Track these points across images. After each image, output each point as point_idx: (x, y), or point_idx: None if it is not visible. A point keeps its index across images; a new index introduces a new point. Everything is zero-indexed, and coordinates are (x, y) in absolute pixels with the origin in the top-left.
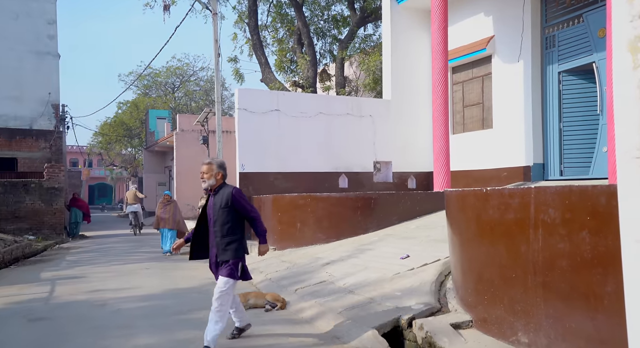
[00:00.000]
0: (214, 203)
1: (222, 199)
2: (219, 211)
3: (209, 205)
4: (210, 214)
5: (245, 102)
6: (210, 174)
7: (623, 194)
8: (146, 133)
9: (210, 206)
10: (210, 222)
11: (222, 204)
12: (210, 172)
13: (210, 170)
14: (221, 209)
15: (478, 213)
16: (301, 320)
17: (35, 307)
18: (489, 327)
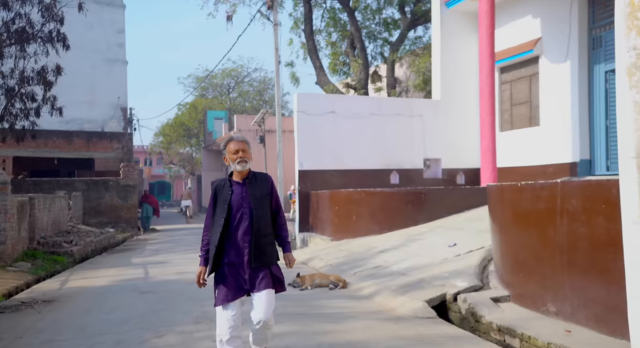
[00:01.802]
0: (251, 194)
1: (260, 187)
2: (258, 202)
3: (235, 197)
4: (240, 208)
5: (304, 105)
6: (249, 154)
7: (623, 185)
8: (204, 133)
9: (239, 197)
10: (237, 218)
11: (262, 193)
12: (248, 150)
13: (247, 148)
14: (262, 199)
15: (514, 204)
16: (361, 296)
17: (138, 284)
18: (524, 300)
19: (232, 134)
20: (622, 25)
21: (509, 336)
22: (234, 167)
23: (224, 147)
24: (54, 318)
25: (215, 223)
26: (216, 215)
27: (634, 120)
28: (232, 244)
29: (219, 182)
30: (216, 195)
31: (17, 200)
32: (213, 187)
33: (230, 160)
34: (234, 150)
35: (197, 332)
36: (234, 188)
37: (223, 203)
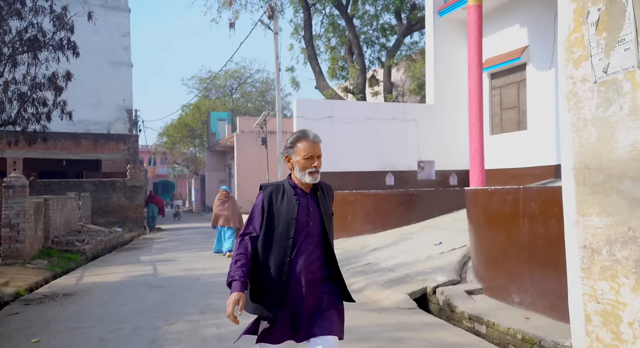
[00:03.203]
0: (322, 210)
1: (327, 201)
2: (330, 222)
3: (302, 211)
4: (305, 227)
5: (303, 110)
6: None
7: (564, 192)
8: (208, 134)
9: (306, 212)
10: (299, 241)
11: (329, 210)
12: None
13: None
14: (328, 218)
15: (485, 206)
16: (351, 290)
17: (149, 279)
18: (493, 293)
19: (304, 129)
20: (562, 58)
21: (477, 323)
22: (301, 176)
23: (291, 144)
24: (76, 309)
25: (270, 243)
26: (272, 233)
27: (571, 138)
28: (292, 276)
29: (274, 186)
30: (270, 203)
31: (33, 202)
32: (267, 192)
33: (299, 166)
34: (307, 154)
35: (203, 321)
36: (301, 198)
37: (286, 218)
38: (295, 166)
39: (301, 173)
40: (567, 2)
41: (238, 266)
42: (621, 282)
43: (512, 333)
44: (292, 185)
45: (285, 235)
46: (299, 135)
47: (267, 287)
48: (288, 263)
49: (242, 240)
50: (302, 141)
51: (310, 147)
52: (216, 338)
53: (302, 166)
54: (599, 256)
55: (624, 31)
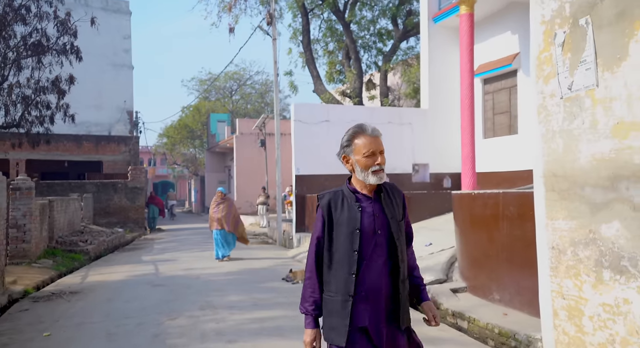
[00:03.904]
0: (388, 215)
1: (395, 204)
2: (399, 229)
3: (366, 219)
4: (372, 236)
5: (300, 114)
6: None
7: (535, 198)
8: (208, 135)
9: (371, 220)
10: (368, 253)
11: (399, 214)
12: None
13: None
14: (401, 225)
15: (470, 209)
16: None
17: (151, 278)
18: (476, 291)
19: (360, 123)
20: (534, 74)
21: (460, 319)
22: (363, 178)
23: (347, 142)
24: (82, 306)
25: (334, 258)
26: (335, 247)
27: (541, 148)
28: (359, 294)
29: (331, 194)
30: (330, 213)
31: (39, 203)
32: (324, 202)
33: (360, 166)
34: (368, 151)
35: (203, 317)
36: (363, 204)
37: (348, 228)
38: (355, 166)
39: (363, 173)
40: (537, 24)
41: (309, 295)
42: (583, 279)
43: (490, 328)
44: (352, 190)
45: (349, 248)
46: (355, 131)
47: (334, 308)
48: (354, 281)
49: (310, 259)
50: (360, 136)
51: (370, 142)
52: (215, 333)
53: (363, 165)
54: (565, 256)
55: (586, 53)
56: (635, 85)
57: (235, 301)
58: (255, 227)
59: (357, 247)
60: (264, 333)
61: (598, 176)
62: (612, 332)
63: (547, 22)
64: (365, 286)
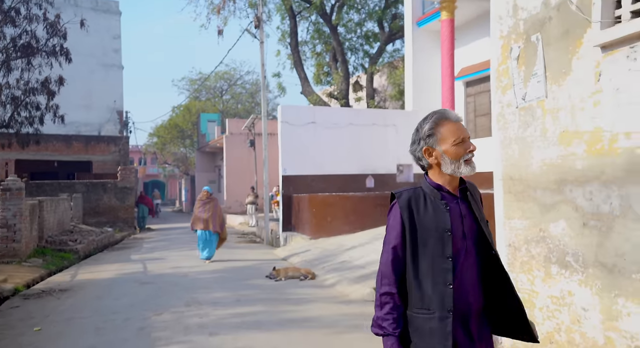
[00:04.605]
0: (478, 217)
1: (477, 203)
2: (488, 230)
3: (454, 220)
4: (462, 242)
5: (287, 116)
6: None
7: (495, 198)
8: (198, 135)
9: (459, 221)
10: (459, 261)
11: (483, 214)
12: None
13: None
14: (485, 225)
15: None
16: (325, 285)
17: (139, 276)
18: None
19: (440, 110)
20: (493, 85)
21: None
22: (453, 170)
23: (430, 132)
24: (72, 302)
25: (420, 268)
26: (420, 254)
27: (500, 154)
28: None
29: (410, 192)
30: (411, 215)
31: (29, 204)
32: (403, 201)
33: (449, 157)
34: (458, 138)
35: (188, 312)
36: (450, 204)
37: (437, 231)
38: (442, 159)
39: (454, 165)
40: (496, 38)
41: (387, 312)
42: (535, 274)
43: None
44: (435, 187)
45: (439, 255)
46: (438, 118)
47: (427, 327)
48: (452, 294)
49: (386, 269)
50: (445, 123)
51: (457, 127)
52: (198, 326)
53: (453, 155)
54: (519, 253)
55: (537, 66)
56: (577, 97)
57: (219, 297)
58: (244, 226)
59: (450, 253)
60: (244, 326)
61: (547, 180)
62: (559, 321)
63: (504, 37)
64: (460, 300)
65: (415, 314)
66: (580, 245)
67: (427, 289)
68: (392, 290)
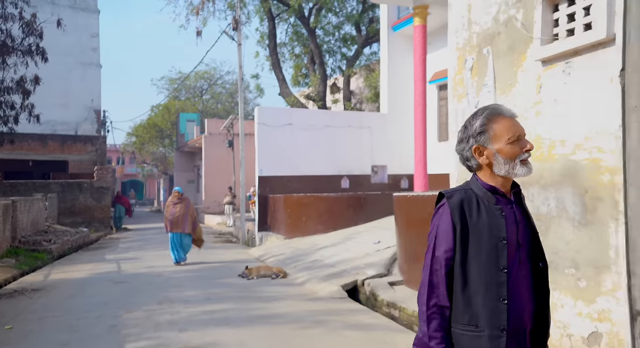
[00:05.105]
0: (528, 220)
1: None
2: (539, 239)
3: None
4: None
5: (264, 117)
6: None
7: None
8: (177, 134)
9: (514, 227)
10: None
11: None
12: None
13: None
14: (535, 231)
15: (406, 210)
16: (295, 283)
17: (113, 275)
18: (410, 284)
19: (492, 105)
20: (450, 93)
21: (392, 309)
22: (507, 171)
23: (482, 129)
24: (44, 302)
25: (472, 280)
26: (471, 264)
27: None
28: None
29: (462, 193)
30: (464, 218)
31: (2, 203)
32: (454, 202)
33: (503, 156)
34: (513, 135)
35: (160, 310)
36: (505, 208)
37: (491, 239)
38: (495, 158)
39: (508, 165)
40: (453, 50)
41: (435, 329)
42: None
43: (416, 316)
44: (488, 189)
45: (493, 266)
46: (490, 113)
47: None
48: (506, 310)
49: (432, 279)
50: (499, 120)
51: (513, 124)
52: (168, 323)
53: (508, 155)
54: None
55: (487, 77)
56: (522, 107)
57: (191, 295)
58: (222, 226)
59: (504, 264)
60: (213, 322)
61: None
62: None
63: (460, 49)
64: (513, 317)
65: (461, 331)
66: None
67: (476, 304)
68: (443, 302)
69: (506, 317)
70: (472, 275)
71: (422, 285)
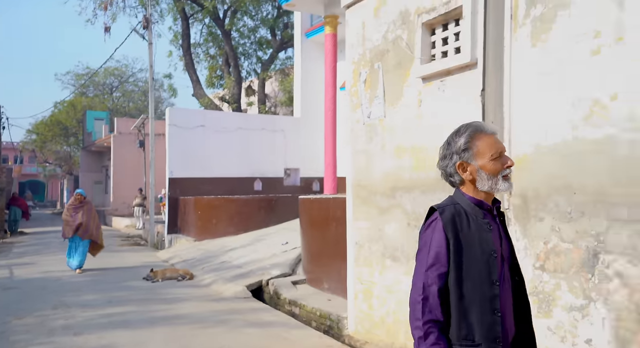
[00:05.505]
0: (508, 235)
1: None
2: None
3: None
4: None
5: (175, 119)
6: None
7: (347, 202)
8: (83, 133)
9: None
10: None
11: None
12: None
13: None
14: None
15: (309, 212)
16: (201, 285)
17: (3, 281)
18: (313, 282)
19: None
20: (347, 104)
21: (294, 306)
22: (490, 187)
23: (466, 146)
24: None
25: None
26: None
27: (351, 163)
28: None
29: (451, 207)
30: (456, 233)
31: None
32: (447, 217)
33: (486, 172)
34: (496, 152)
35: (54, 315)
36: (491, 223)
37: (482, 254)
38: (478, 174)
39: (491, 181)
40: (349, 64)
41: (433, 342)
42: (374, 268)
43: (314, 312)
44: (476, 204)
45: (485, 279)
46: (474, 130)
47: None
48: (500, 323)
49: (427, 294)
50: (481, 137)
51: (495, 141)
52: (63, 328)
53: (491, 171)
54: (363, 250)
55: (378, 90)
56: (407, 118)
57: (89, 299)
58: (130, 229)
59: (496, 277)
60: (111, 326)
61: (385, 187)
62: (388, 307)
63: (355, 62)
64: (503, 329)
65: (460, 346)
66: (405, 242)
67: (471, 317)
68: (437, 317)
69: (500, 329)
70: (466, 289)
71: (415, 302)
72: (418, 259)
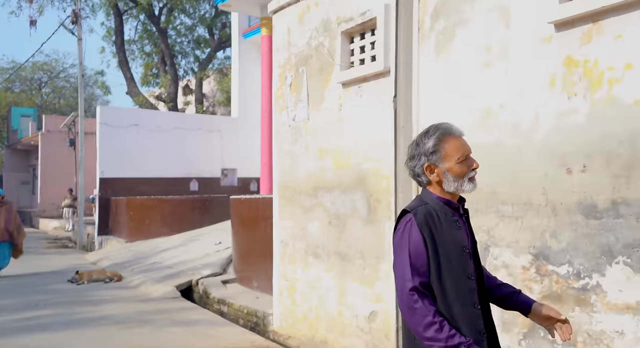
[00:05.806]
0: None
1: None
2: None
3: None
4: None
5: (106, 117)
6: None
7: (274, 202)
8: (8, 130)
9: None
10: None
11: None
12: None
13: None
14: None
15: (240, 212)
16: (130, 286)
17: None
18: (243, 281)
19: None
20: (273, 106)
21: (222, 305)
22: (456, 188)
23: (434, 149)
24: None
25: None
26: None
27: (276, 164)
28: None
29: (423, 209)
30: (431, 233)
31: None
32: (420, 218)
33: (453, 174)
34: (462, 155)
35: None
36: (460, 221)
37: (456, 250)
38: (445, 176)
39: (457, 182)
40: (276, 67)
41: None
42: (297, 265)
43: (242, 310)
44: (445, 203)
45: (461, 275)
46: (442, 133)
47: None
48: (480, 315)
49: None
50: (449, 140)
51: (462, 144)
52: None
53: (457, 173)
54: (288, 248)
55: (302, 94)
56: (328, 121)
57: (7, 304)
58: (59, 230)
59: (470, 272)
60: (28, 329)
61: (308, 187)
62: (311, 302)
63: (281, 66)
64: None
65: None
66: (326, 239)
67: (455, 312)
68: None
69: (482, 321)
70: (447, 286)
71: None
72: (397, 263)
